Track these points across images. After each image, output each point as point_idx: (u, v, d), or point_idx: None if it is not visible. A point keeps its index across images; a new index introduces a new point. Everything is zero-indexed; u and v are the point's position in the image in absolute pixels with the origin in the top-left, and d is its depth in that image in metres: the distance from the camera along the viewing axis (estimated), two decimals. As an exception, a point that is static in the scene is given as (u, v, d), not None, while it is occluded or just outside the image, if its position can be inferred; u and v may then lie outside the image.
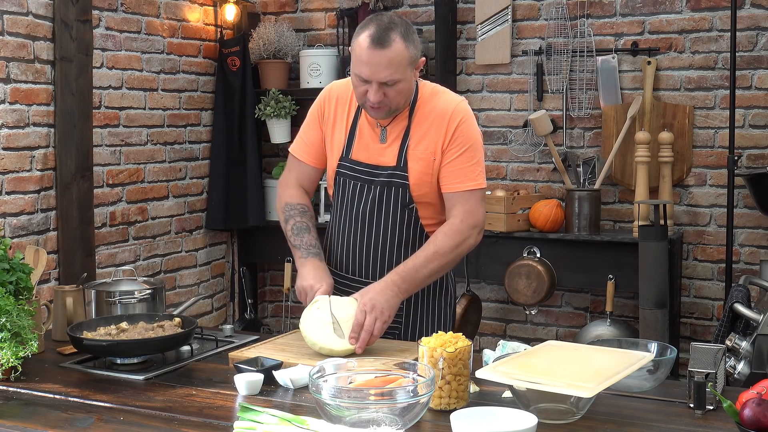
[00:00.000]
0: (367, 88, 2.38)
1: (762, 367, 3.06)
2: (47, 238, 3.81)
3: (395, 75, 2.34)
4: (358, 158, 2.54)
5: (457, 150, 2.46)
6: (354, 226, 2.57)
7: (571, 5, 4.45)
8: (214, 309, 4.93)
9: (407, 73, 2.38)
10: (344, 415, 1.75)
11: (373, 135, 2.53)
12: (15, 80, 3.64)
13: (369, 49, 2.33)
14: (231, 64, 4.76)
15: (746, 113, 4.19)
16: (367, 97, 2.39)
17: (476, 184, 2.48)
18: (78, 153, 3.89)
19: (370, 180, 2.52)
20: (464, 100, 2.55)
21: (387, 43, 2.32)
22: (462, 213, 2.46)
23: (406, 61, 2.36)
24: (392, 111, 2.44)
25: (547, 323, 4.69)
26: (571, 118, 4.52)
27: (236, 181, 4.79)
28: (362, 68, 2.35)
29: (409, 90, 2.44)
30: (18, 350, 2.15)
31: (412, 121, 2.49)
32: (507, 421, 1.71)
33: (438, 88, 2.56)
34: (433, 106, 2.49)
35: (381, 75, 2.34)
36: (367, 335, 2.32)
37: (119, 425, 1.89)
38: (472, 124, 2.51)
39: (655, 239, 3.82)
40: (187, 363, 2.36)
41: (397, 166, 2.49)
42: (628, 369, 1.91)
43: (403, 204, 2.51)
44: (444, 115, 2.47)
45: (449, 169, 2.47)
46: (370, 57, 2.33)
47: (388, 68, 2.33)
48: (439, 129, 2.47)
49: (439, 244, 2.45)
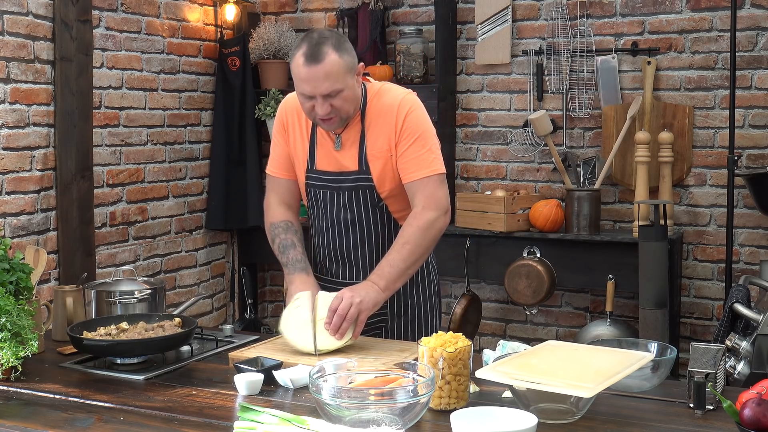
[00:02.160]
0: (313, 103, 2.44)
1: (762, 367, 3.06)
2: (47, 238, 3.81)
3: (336, 85, 2.40)
4: (322, 168, 2.60)
5: (408, 140, 2.51)
6: (331, 231, 2.64)
7: (571, 5, 4.45)
8: (214, 309, 4.93)
9: (347, 81, 2.43)
10: (344, 415, 1.75)
11: (329, 143, 2.59)
12: (15, 80, 3.64)
13: (305, 66, 2.40)
14: (231, 64, 4.76)
15: (746, 113, 4.19)
16: (315, 112, 2.45)
17: (432, 170, 2.52)
18: (78, 153, 3.89)
19: (337, 186, 2.59)
20: (411, 92, 2.59)
21: (320, 58, 2.38)
22: (423, 200, 2.51)
23: (342, 71, 2.41)
24: (343, 120, 2.50)
25: (547, 323, 4.69)
26: (571, 118, 4.52)
27: (236, 181, 4.79)
28: (303, 86, 2.42)
29: (354, 97, 2.48)
30: (18, 350, 2.15)
31: (365, 123, 2.55)
32: (507, 421, 1.71)
33: (384, 86, 2.61)
34: (381, 104, 2.55)
35: (322, 88, 2.40)
36: (339, 319, 2.34)
37: (119, 425, 1.89)
38: (420, 114, 2.55)
39: (655, 239, 3.82)
40: (187, 363, 2.36)
41: (360, 169, 2.55)
42: (628, 369, 1.91)
43: (373, 203, 2.57)
44: (391, 110, 2.53)
45: (404, 160, 2.52)
46: (308, 74, 2.40)
47: (326, 80, 2.39)
48: (389, 124, 2.52)
49: (406, 235, 2.50)
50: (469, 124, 4.74)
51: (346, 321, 2.35)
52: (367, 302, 2.39)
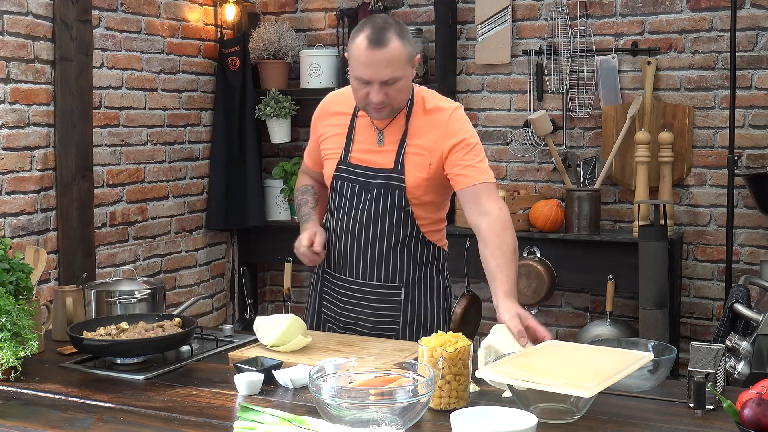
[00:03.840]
0: (368, 90, 2.40)
1: (762, 367, 3.06)
2: (47, 238, 3.81)
3: (396, 73, 2.37)
4: (355, 161, 2.57)
5: (464, 150, 2.48)
6: (351, 228, 2.59)
7: (571, 5, 4.45)
8: (214, 309, 4.93)
9: (406, 70, 2.41)
10: (344, 415, 1.75)
11: (371, 138, 2.56)
12: (15, 80, 3.64)
13: (368, 50, 2.36)
14: (231, 64, 4.76)
15: (746, 113, 4.19)
16: (370, 99, 2.42)
17: (490, 177, 2.49)
18: (78, 153, 3.88)
19: (367, 182, 2.55)
20: (461, 106, 2.58)
21: (384, 43, 2.35)
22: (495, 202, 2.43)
23: (404, 59, 2.39)
24: (394, 110, 2.48)
25: (547, 323, 4.68)
26: (571, 118, 4.52)
27: (236, 181, 4.79)
28: (363, 70, 2.38)
29: (409, 88, 2.47)
30: (18, 350, 2.15)
31: (410, 124, 2.52)
32: (507, 421, 1.71)
33: (435, 94, 2.60)
34: (432, 110, 2.52)
35: (382, 74, 2.37)
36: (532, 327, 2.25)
37: (119, 425, 1.89)
38: (470, 128, 2.55)
39: (655, 239, 3.82)
40: (187, 363, 2.36)
41: (395, 168, 2.51)
42: (628, 369, 1.91)
43: (400, 206, 2.53)
44: (442, 118, 2.50)
45: (462, 166, 2.47)
46: (370, 58, 2.36)
47: (388, 67, 2.36)
48: (437, 132, 2.49)
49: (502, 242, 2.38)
50: (469, 124, 4.74)
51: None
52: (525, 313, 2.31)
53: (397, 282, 2.58)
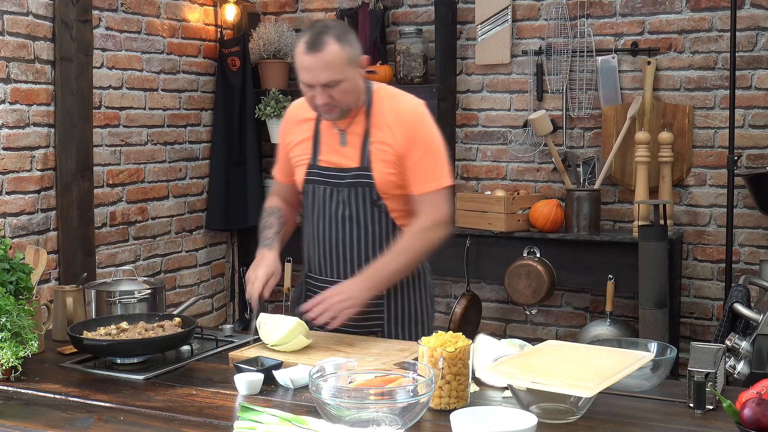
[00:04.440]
0: (313, 93, 2.46)
1: (762, 367, 3.06)
2: (47, 238, 3.81)
3: (335, 76, 2.42)
4: (324, 164, 2.62)
5: (419, 152, 2.53)
6: (327, 229, 2.64)
7: (571, 5, 4.45)
8: (214, 309, 4.93)
9: (348, 72, 2.45)
10: (344, 415, 1.75)
11: (334, 139, 2.60)
12: (15, 80, 3.64)
13: (305, 55, 2.43)
14: (231, 64, 4.76)
15: (746, 113, 4.19)
16: (315, 102, 2.48)
17: (439, 183, 2.56)
18: (78, 153, 3.89)
19: (337, 183, 2.59)
20: (422, 103, 2.61)
21: (321, 47, 2.41)
22: (428, 211, 2.55)
23: (343, 62, 2.43)
24: (344, 111, 2.51)
25: (547, 323, 4.69)
26: (571, 118, 4.52)
27: (236, 181, 4.79)
28: (303, 74, 2.45)
29: (356, 89, 2.50)
30: (18, 350, 2.15)
31: (371, 122, 2.56)
32: (507, 421, 1.71)
33: (396, 91, 2.64)
34: (392, 108, 2.56)
35: (321, 77, 2.42)
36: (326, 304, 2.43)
37: (119, 425, 1.89)
38: (433, 125, 2.59)
39: (655, 239, 3.82)
40: (187, 363, 2.36)
41: (361, 166, 2.56)
42: (628, 369, 1.91)
43: (372, 202, 2.58)
44: (403, 118, 2.55)
45: (414, 171, 2.54)
46: (307, 62, 2.43)
47: (325, 70, 2.41)
48: (399, 131, 2.53)
49: (404, 242, 2.55)
50: (469, 124, 4.74)
51: (329, 311, 2.44)
52: (356, 299, 2.48)
53: None
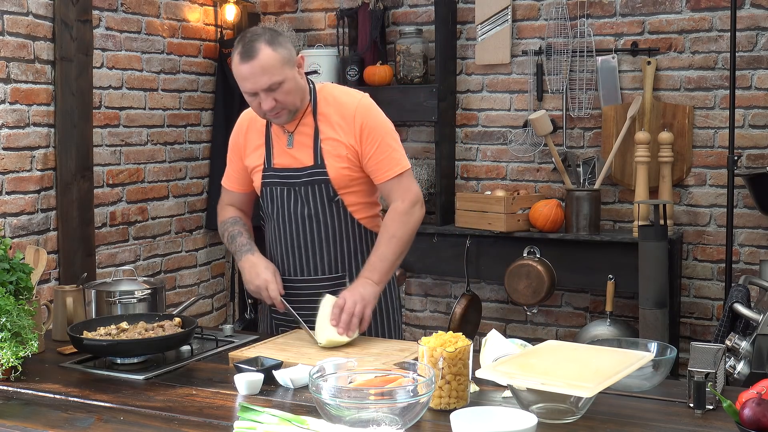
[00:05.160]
0: (258, 100, 2.52)
1: (762, 367, 3.06)
2: (47, 238, 3.81)
3: (274, 78, 2.47)
4: (278, 165, 2.65)
5: (374, 143, 2.59)
6: (288, 228, 2.68)
7: (571, 5, 4.45)
8: (214, 309, 4.93)
9: (286, 73, 2.50)
10: (344, 415, 1.75)
11: (283, 142, 2.64)
12: (15, 80, 3.64)
13: (241, 65, 2.49)
14: (231, 64, 4.76)
15: (746, 113, 4.19)
16: (262, 108, 2.52)
17: (401, 167, 2.63)
18: (78, 153, 3.89)
19: (292, 182, 2.63)
20: (365, 95, 2.66)
21: (254, 54, 2.46)
22: (400, 195, 2.62)
23: (278, 63, 2.48)
24: (292, 112, 2.56)
25: (547, 323, 4.69)
26: (571, 118, 4.52)
27: (236, 181, 4.78)
28: (245, 84, 2.51)
29: (297, 88, 2.54)
30: (18, 350, 2.15)
31: (318, 120, 2.60)
32: (507, 421, 1.71)
33: (340, 88, 2.71)
34: (337, 104, 2.61)
35: (261, 83, 2.47)
36: (348, 316, 2.45)
37: (119, 425, 1.89)
38: (380, 115, 2.64)
39: (655, 239, 3.82)
40: (187, 363, 2.36)
41: (315, 164, 2.60)
42: (628, 369, 1.91)
43: (329, 198, 2.62)
44: (349, 112, 2.60)
45: (373, 162, 2.60)
46: (245, 71, 2.48)
47: (264, 75, 2.47)
48: (348, 125, 2.59)
49: (392, 229, 2.60)
50: (469, 124, 4.74)
51: (354, 317, 2.46)
52: (368, 298, 2.52)
53: (340, 272, 2.67)
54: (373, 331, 2.69)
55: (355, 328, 2.46)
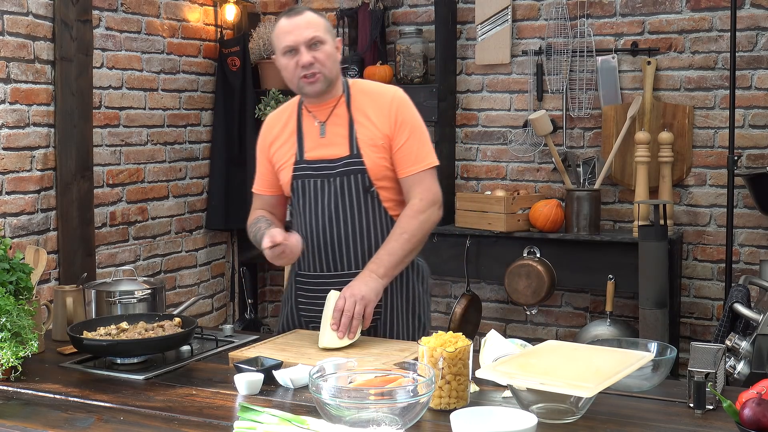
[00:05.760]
0: (296, 58, 2.52)
1: (762, 367, 3.06)
2: (47, 238, 3.81)
3: (317, 33, 2.51)
4: (311, 157, 2.61)
5: (404, 135, 2.57)
6: (320, 222, 2.61)
7: (571, 5, 4.45)
8: (214, 309, 4.93)
9: (328, 37, 2.54)
10: (344, 415, 1.75)
11: (315, 133, 2.61)
12: (15, 80, 3.64)
13: (286, 20, 2.54)
14: (231, 64, 4.76)
15: (746, 113, 4.19)
16: (300, 65, 2.51)
17: (427, 163, 2.59)
18: (78, 153, 3.89)
19: (326, 174, 2.59)
20: (399, 89, 2.66)
21: (301, 12, 2.54)
22: (420, 193, 2.58)
23: (323, 26, 2.54)
24: (327, 79, 2.54)
25: (547, 323, 4.69)
26: (571, 118, 4.52)
27: (236, 181, 4.79)
28: (286, 38, 2.53)
29: (336, 59, 2.57)
30: (18, 350, 2.15)
31: (352, 111, 2.59)
32: (507, 421, 1.71)
33: (372, 83, 2.72)
34: (371, 96, 2.61)
35: (305, 35, 2.50)
36: (347, 319, 2.40)
37: (119, 425, 1.89)
38: (413, 108, 2.63)
39: (655, 239, 3.82)
40: (187, 363, 2.36)
41: (351, 154, 2.56)
42: (628, 369, 1.91)
43: (364, 189, 2.58)
44: (384, 101, 2.59)
45: (401, 155, 2.57)
46: (289, 25, 2.52)
47: (308, 28, 2.50)
48: (383, 115, 2.57)
49: (404, 225, 2.55)
50: (469, 124, 4.74)
51: (354, 319, 2.41)
52: (369, 295, 2.45)
53: None
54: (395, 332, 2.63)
55: (355, 330, 2.42)
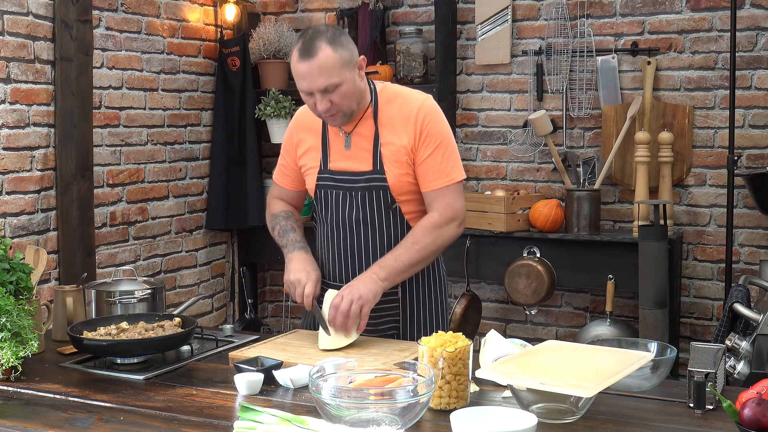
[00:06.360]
0: (313, 100, 2.43)
1: (762, 367, 3.06)
2: (47, 238, 3.81)
3: (332, 80, 2.38)
4: (335, 168, 2.57)
5: (429, 148, 2.50)
6: (342, 234, 2.59)
7: (571, 5, 4.45)
8: (214, 309, 4.93)
9: (344, 75, 2.40)
10: (344, 415, 1.75)
11: (340, 144, 2.56)
12: (15, 80, 3.64)
13: (299, 62, 2.39)
14: (231, 64, 4.76)
15: (746, 113, 4.19)
16: (317, 109, 2.44)
17: (451, 179, 2.53)
18: (78, 153, 3.89)
19: (349, 187, 2.55)
20: (429, 97, 2.57)
21: (314, 53, 2.36)
22: (440, 208, 2.52)
23: (337, 65, 2.38)
24: (347, 115, 2.46)
25: (547, 323, 4.69)
26: (571, 118, 4.52)
27: (236, 181, 4.79)
28: (301, 82, 2.42)
29: (356, 92, 2.45)
30: (18, 350, 2.15)
31: (379, 123, 2.52)
32: (507, 421, 1.71)
33: (401, 89, 2.59)
34: (399, 106, 2.52)
35: (318, 83, 2.38)
36: (342, 317, 2.38)
37: (119, 425, 1.89)
38: (441, 120, 2.54)
39: (655, 239, 3.83)
40: (187, 363, 2.36)
41: (374, 170, 2.51)
42: (628, 369, 1.91)
43: (386, 205, 2.54)
44: (410, 114, 2.50)
45: (424, 168, 2.51)
46: (303, 70, 2.39)
47: (321, 75, 2.37)
48: (407, 128, 2.49)
49: (417, 235, 2.50)
50: (469, 124, 4.74)
51: (350, 319, 2.38)
52: (366, 295, 2.41)
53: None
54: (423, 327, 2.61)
55: (351, 329, 2.40)
